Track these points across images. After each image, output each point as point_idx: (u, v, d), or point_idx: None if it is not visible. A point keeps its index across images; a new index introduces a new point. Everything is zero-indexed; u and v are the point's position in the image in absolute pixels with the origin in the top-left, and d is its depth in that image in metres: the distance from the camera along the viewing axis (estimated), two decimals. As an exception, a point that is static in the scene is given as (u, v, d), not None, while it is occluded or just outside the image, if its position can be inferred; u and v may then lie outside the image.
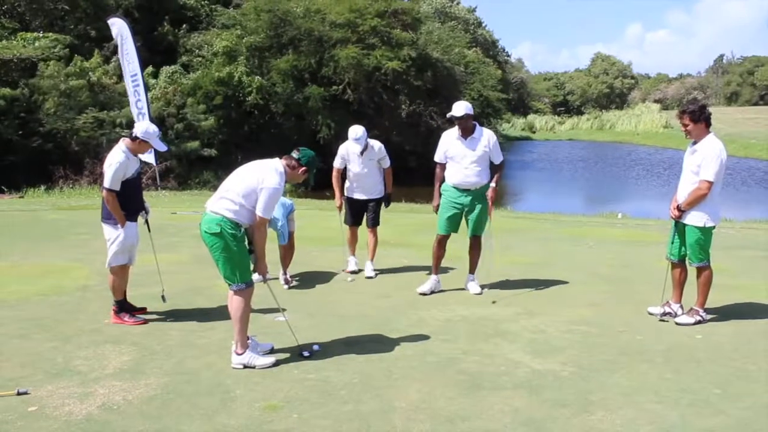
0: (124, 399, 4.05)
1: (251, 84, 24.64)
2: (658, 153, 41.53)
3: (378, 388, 4.26)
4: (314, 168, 4.69)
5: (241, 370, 4.53)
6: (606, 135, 57.86)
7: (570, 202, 19.76)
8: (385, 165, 7.29)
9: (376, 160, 7.20)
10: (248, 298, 4.58)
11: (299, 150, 4.66)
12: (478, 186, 6.44)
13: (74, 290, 6.54)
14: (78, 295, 6.38)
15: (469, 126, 6.38)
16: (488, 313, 5.98)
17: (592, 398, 4.13)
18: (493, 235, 6.59)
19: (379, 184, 7.32)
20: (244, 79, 24.67)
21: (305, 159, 4.61)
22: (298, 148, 4.69)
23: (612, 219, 13.22)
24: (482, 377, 4.45)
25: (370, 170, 7.20)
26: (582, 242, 9.69)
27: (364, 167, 7.16)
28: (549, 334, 5.40)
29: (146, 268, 6.24)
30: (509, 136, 54.61)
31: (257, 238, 4.56)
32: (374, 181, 7.27)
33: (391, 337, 5.25)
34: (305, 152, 4.65)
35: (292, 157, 4.61)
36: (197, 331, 5.35)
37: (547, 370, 4.58)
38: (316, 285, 6.98)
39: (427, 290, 6.57)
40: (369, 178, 7.23)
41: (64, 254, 8.20)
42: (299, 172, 4.60)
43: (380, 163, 7.26)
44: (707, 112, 5.53)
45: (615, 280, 7.24)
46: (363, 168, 7.16)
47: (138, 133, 5.41)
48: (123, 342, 5.06)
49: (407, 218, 11.56)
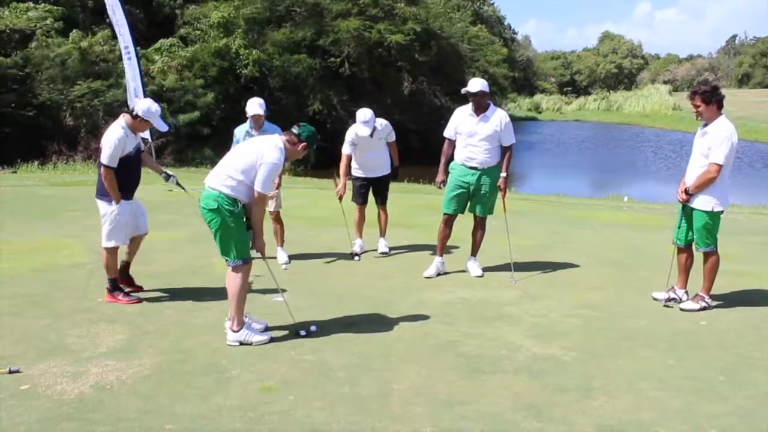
0: (117, 378, 4.06)
1: (248, 57, 24.45)
2: (666, 135, 41.34)
3: (376, 370, 4.27)
4: (315, 144, 4.67)
5: (237, 350, 4.55)
6: (613, 116, 57.56)
7: (575, 185, 19.71)
8: (390, 140, 7.37)
9: (382, 138, 7.25)
10: (246, 275, 4.61)
11: (299, 125, 4.65)
12: (486, 166, 6.41)
13: (68, 267, 6.54)
14: (71, 272, 6.38)
15: (483, 104, 6.35)
16: (489, 296, 5.98)
17: (594, 383, 4.14)
18: (502, 218, 6.58)
19: (387, 161, 7.42)
20: (242, 52, 24.50)
21: (305, 134, 4.60)
22: (299, 124, 4.69)
23: (618, 202, 13.20)
24: (482, 361, 4.46)
25: (379, 149, 7.28)
26: (587, 225, 9.68)
27: (372, 148, 7.20)
28: (551, 318, 5.40)
29: (146, 246, 6.23)
30: (515, 117, 54.30)
31: (255, 214, 4.58)
32: (382, 159, 7.37)
33: (391, 319, 5.25)
34: (305, 128, 4.64)
35: (292, 133, 4.60)
36: (193, 311, 5.36)
37: (548, 355, 4.59)
38: (314, 265, 6.97)
39: (433, 273, 6.57)
40: (378, 157, 7.32)
41: (58, 231, 8.20)
42: (299, 148, 4.59)
43: (386, 137, 7.35)
44: (720, 93, 5.48)
45: (619, 265, 7.23)
46: (372, 149, 7.21)
47: (139, 111, 5.37)
48: (117, 321, 5.07)
49: (409, 199, 11.54)
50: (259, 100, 6.71)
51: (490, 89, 6.50)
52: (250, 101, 6.72)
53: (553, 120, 58.80)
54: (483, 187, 6.46)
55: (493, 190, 6.49)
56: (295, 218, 9.54)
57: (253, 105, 6.65)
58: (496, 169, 6.47)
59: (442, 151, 6.65)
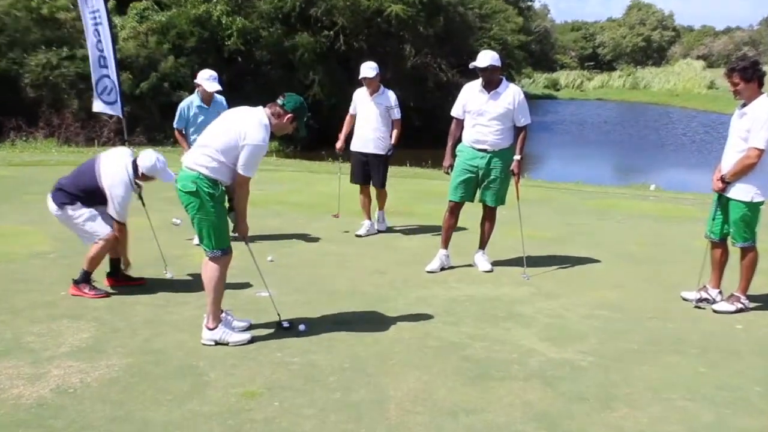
0: (81, 381, 4.06)
1: (231, 25, 24.32)
2: (699, 116, 41.35)
3: (371, 375, 4.28)
4: (304, 116, 4.65)
5: (216, 350, 4.55)
6: (640, 95, 57.50)
7: (596, 171, 19.72)
8: (394, 116, 7.71)
9: (385, 106, 7.62)
10: (224, 267, 4.62)
11: (284, 95, 4.63)
12: (497, 148, 6.40)
13: (26, 257, 6.53)
14: (31, 263, 6.37)
15: (494, 79, 6.34)
16: (499, 293, 5.98)
17: (615, 392, 4.14)
18: (514, 207, 6.58)
19: (386, 139, 7.74)
20: (224, 20, 24.36)
21: (291, 104, 4.57)
22: (284, 94, 4.66)
23: (644, 191, 13.20)
24: (490, 365, 4.47)
25: (378, 118, 7.64)
26: (609, 216, 9.68)
27: (371, 112, 7.62)
28: (567, 318, 5.41)
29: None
30: (530, 94, 54.30)
31: (238, 197, 4.60)
32: (380, 132, 7.70)
33: (388, 318, 5.25)
34: (291, 97, 4.62)
35: (276, 104, 4.58)
36: (166, 306, 5.35)
37: (564, 360, 4.59)
38: (304, 257, 6.98)
39: (436, 268, 6.57)
40: (376, 129, 7.66)
41: (16, 216, 8.18)
42: (285, 120, 4.57)
43: (390, 112, 7.69)
44: (761, 69, 5.46)
45: (645, 260, 7.24)
46: (370, 113, 7.62)
47: (143, 168, 5.52)
48: (82, 317, 5.06)
49: (411, 184, 11.54)
50: (213, 73, 7.24)
51: (502, 63, 6.49)
52: (206, 72, 7.21)
53: (572, 98, 58.77)
54: (493, 172, 6.44)
55: (504, 175, 6.48)
56: (284, 205, 9.54)
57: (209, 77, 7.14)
58: (509, 152, 6.46)
59: (449, 132, 6.65)
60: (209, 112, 7.09)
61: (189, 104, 7.23)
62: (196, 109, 7.19)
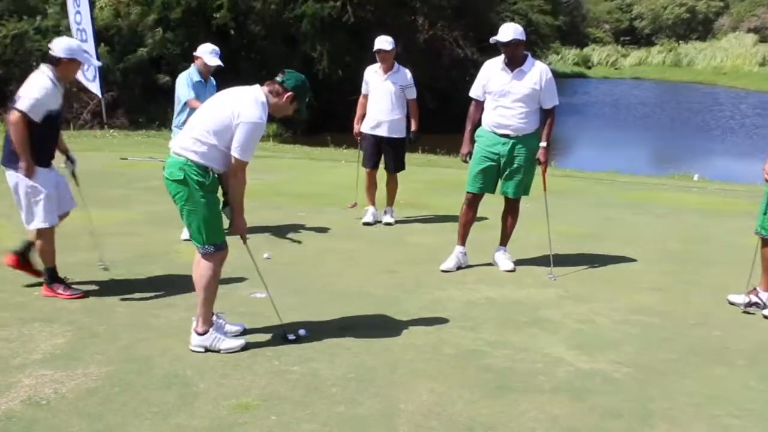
0: (55, 392, 4.07)
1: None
2: (750, 97, 41.10)
3: (379, 386, 4.28)
4: (306, 96, 4.65)
5: (205, 358, 4.56)
6: (683, 73, 57.25)
7: (633, 159, 19.61)
8: (410, 95, 7.91)
9: (399, 85, 7.81)
10: (218, 265, 4.61)
11: (284, 72, 4.63)
12: (521, 133, 6.39)
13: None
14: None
15: (518, 55, 6.33)
16: (522, 295, 5.98)
17: (653, 407, 4.13)
18: (540, 199, 6.57)
19: (402, 121, 7.95)
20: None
21: (292, 82, 4.57)
22: (284, 70, 4.66)
23: (686, 181, 13.15)
24: (512, 376, 4.46)
25: (393, 98, 7.82)
26: (646, 210, 9.67)
27: (385, 92, 7.80)
28: (599, 324, 5.40)
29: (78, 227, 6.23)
30: (558, 72, 54.13)
31: (234, 186, 4.55)
32: (395, 113, 7.88)
33: (398, 322, 5.26)
34: (291, 74, 4.62)
35: (275, 82, 4.57)
36: (151, 309, 5.37)
37: (595, 371, 4.58)
38: (304, 254, 6.99)
39: (452, 266, 6.58)
40: (390, 110, 7.84)
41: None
42: (284, 99, 4.56)
43: (405, 92, 7.88)
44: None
45: (687, 259, 7.22)
46: (384, 93, 7.80)
47: (59, 52, 5.35)
48: (56, 320, 5.08)
49: (424, 173, 11.54)
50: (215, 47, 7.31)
51: (527, 37, 6.47)
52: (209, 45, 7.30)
53: (606, 77, 58.54)
54: (517, 160, 6.44)
55: (529, 164, 6.47)
56: (282, 196, 9.56)
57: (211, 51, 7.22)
58: (534, 137, 6.44)
59: (468, 116, 6.64)
60: (206, 89, 7.11)
61: (189, 76, 7.20)
62: (199, 86, 7.19)
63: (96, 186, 9.59)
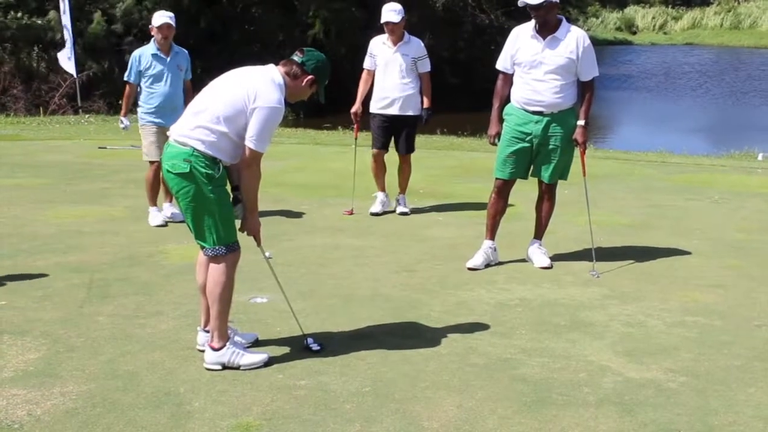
0: (29, 414, 4.08)
1: None
2: (821, 65, 40.81)
3: (399, 401, 4.28)
4: (326, 78, 4.64)
5: (198, 373, 4.55)
6: (744, 36, 56.83)
7: (685, 138, 19.52)
8: (423, 69, 7.94)
9: (411, 57, 7.84)
10: (231, 269, 4.56)
11: (303, 51, 4.59)
12: (557, 110, 6.39)
13: (-41, 257, 6.60)
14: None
15: (551, 20, 6.31)
16: (561, 295, 5.97)
17: (715, 422, 4.11)
18: (579, 185, 6.56)
19: (415, 96, 7.96)
20: None
21: (312, 64, 4.54)
22: (302, 49, 4.62)
23: (748, 162, 13.07)
24: (551, 388, 4.46)
25: (403, 72, 7.84)
26: (703, 195, 9.64)
27: (395, 65, 7.82)
28: (650, 327, 5.38)
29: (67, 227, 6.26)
30: (597, 39, 53.89)
31: (247, 180, 4.52)
32: (407, 89, 7.91)
33: (420, 329, 5.27)
34: (311, 54, 4.58)
35: (293, 62, 4.54)
36: (136, 318, 5.38)
37: (647, 380, 4.57)
38: (310, 252, 7.01)
39: (480, 264, 6.58)
40: (401, 86, 7.87)
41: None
42: (303, 83, 4.55)
43: (417, 65, 7.90)
44: None
45: (751, 252, 7.19)
46: (394, 67, 7.83)
47: None
48: (28, 332, 5.09)
49: (445, 158, 11.53)
50: (170, 13, 7.62)
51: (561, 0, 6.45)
52: (163, 13, 7.61)
53: (653, 44, 58.22)
54: (552, 141, 6.43)
55: (566, 144, 6.46)
56: (284, 186, 9.58)
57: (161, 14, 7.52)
58: (571, 114, 6.44)
59: (495, 91, 6.63)
60: (168, 63, 7.44)
61: (140, 54, 7.50)
62: (150, 59, 7.45)
63: (70, 179, 9.67)
